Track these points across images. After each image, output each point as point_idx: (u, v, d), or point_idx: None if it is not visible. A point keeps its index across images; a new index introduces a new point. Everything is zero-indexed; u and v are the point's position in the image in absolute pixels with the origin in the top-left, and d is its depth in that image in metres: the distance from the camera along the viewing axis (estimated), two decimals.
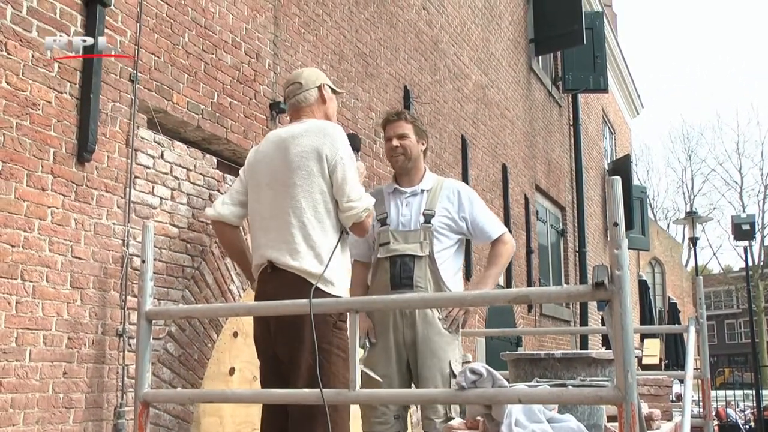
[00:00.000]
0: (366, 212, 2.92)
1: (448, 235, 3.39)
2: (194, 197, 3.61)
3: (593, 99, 14.12)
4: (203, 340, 3.55)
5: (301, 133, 2.99)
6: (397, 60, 6.08)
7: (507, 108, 8.92)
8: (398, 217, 3.43)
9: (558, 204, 11.14)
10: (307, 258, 2.83)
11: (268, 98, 4.28)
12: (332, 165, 2.91)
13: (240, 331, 3.78)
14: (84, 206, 3.03)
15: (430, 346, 3.26)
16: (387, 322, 3.35)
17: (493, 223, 3.49)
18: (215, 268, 3.66)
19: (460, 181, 3.61)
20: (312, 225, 2.87)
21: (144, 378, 2.64)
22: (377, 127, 5.63)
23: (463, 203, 3.44)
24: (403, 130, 3.50)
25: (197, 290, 3.54)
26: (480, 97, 8.01)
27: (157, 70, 3.46)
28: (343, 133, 3.00)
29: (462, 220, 3.42)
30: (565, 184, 11.51)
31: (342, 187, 2.90)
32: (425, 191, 3.46)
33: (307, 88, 3.16)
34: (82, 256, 3.00)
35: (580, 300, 2.50)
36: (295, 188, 2.91)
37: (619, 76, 16.42)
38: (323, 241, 2.87)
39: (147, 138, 3.37)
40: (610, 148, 16.40)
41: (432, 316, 3.31)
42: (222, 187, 3.80)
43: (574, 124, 11.91)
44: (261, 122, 4.20)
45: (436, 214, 3.39)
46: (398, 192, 3.51)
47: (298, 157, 2.93)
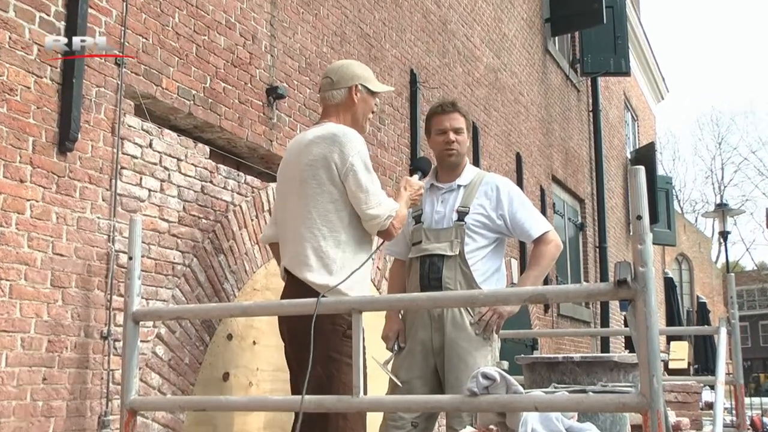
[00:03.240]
0: (389, 219, 3.02)
1: (483, 233, 3.39)
2: (185, 189, 3.61)
3: (614, 83, 14.07)
4: (195, 343, 3.55)
5: (313, 140, 3.08)
6: (402, 42, 6.06)
7: (521, 93, 8.90)
8: (432, 215, 3.46)
9: (576, 196, 11.11)
10: (317, 270, 2.95)
11: (265, 83, 4.27)
12: (343, 173, 3.00)
13: (235, 334, 3.78)
14: (66, 199, 3.02)
15: (458, 350, 3.27)
16: (415, 325, 3.38)
17: (535, 221, 3.46)
18: (208, 265, 3.66)
19: (503, 177, 3.61)
20: (324, 237, 2.98)
21: (131, 384, 2.63)
22: (382, 114, 5.61)
23: (501, 199, 3.43)
24: (459, 123, 3.50)
25: (188, 289, 3.55)
26: (492, 81, 7.98)
27: (146, 52, 3.45)
28: (356, 138, 3.04)
29: (500, 218, 3.42)
30: (584, 175, 11.48)
31: (357, 196, 2.99)
32: (462, 187, 3.48)
33: (337, 87, 3.22)
34: (63, 252, 2.99)
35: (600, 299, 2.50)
36: (306, 199, 3.04)
37: (642, 58, 16.36)
38: (335, 252, 2.97)
39: (134, 126, 3.37)
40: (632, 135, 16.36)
41: (462, 319, 3.31)
42: (215, 178, 3.80)
43: (593, 110, 11.88)
44: (257, 109, 4.19)
45: (470, 211, 3.40)
46: (435, 188, 3.53)
47: (308, 167, 3.05)
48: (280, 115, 4.40)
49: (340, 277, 2.91)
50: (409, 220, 3.51)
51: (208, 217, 3.72)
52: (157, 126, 3.51)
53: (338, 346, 2.83)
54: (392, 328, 3.45)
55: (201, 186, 3.71)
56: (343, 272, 2.93)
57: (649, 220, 2.04)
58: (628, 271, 2.03)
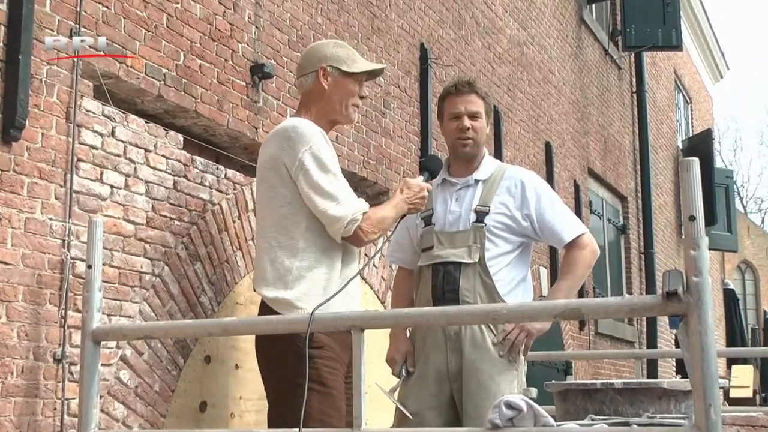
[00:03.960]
0: (354, 223, 3.08)
1: (505, 237, 3.39)
2: (154, 185, 3.60)
3: (663, 59, 14.05)
4: (166, 367, 3.54)
5: (268, 138, 3.25)
6: (411, 11, 6.06)
7: (551, 71, 8.88)
8: (445, 215, 3.45)
9: (617, 193, 11.10)
10: (273, 283, 3.10)
11: (249, 59, 4.28)
12: (294, 173, 3.11)
13: (214, 356, 3.78)
14: (11, 197, 3.02)
15: (478, 376, 3.26)
16: (427, 346, 3.38)
17: (567, 223, 3.46)
18: (181, 274, 3.66)
19: (528, 170, 3.61)
20: (280, 246, 3.12)
21: (90, 416, 2.63)
22: (387, 97, 5.60)
23: (527, 197, 3.42)
24: (476, 106, 3.48)
25: (159, 303, 3.54)
26: (517, 57, 7.97)
27: (107, 23, 3.45)
28: (309, 132, 3.12)
29: (525, 219, 3.41)
30: (627, 168, 11.46)
31: (311, 198, 3.10)
32: (480, 182, 3.47)
33: (303, 72, 3.33)
34: (8, 260, 2.99)
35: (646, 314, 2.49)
36: (262, 206, 3.23)
37: (698, 30, 16.32)
38: (291, 262, 3.10)
39: (93, 111, 3.36)
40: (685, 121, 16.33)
41: (483, 338, 3.30)
42: (190, 172, 3.79)
43: (637, 91, 11.85)
44: (239, 90, 4.19)
45: (491, 210, 3.40)
46: (448, 184, 3.52)
47: (261, 169, 3.22)
48: (267, 97, 4.39)
49: (297, 290, 3.04)
50: (417, 221, 3.51)
51: (182, 218, 3.72)
52: (121, 111, 3.50)
53: (297, 368, 2.87)
54: (399, 350, 3.45)
55: (173, 181, 3.70)
56: (300, 284, 3.06)
57: (705, 222, 2.05)
58: (679, 281, 2.03)
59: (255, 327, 3.04)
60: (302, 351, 2.86)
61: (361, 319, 2.56)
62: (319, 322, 2.60)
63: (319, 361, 2.98)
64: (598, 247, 3.50)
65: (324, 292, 3.06)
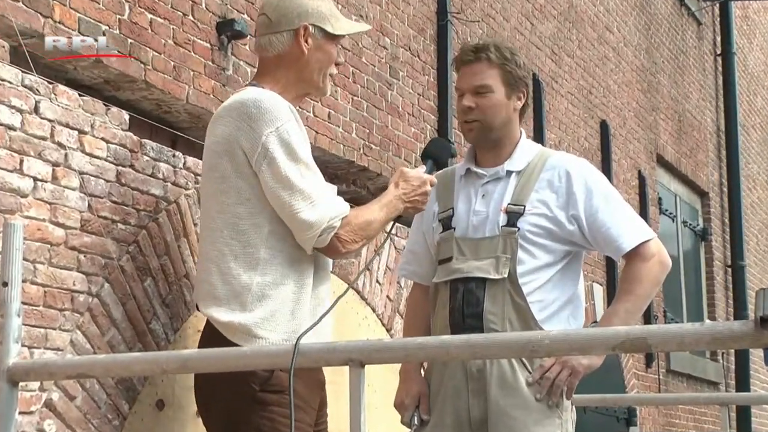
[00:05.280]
0: (330, 231, 3.10)
1: (545, 245, 3.40)
2: (92, 178, 3.59)
3: (758, 11, 14.04)
4: (106, 414, 3.54)
5: (220, 113, 3.26)
6: None
7: (608, 28, 8.88)
8: (468, 217, 3.47)
9: (696, 187, 11.10)
10: (225, 302, 3.12)
11: (214, 14, 4.30)
12: (255, 162, 3.11)
13: (168, 400, 3.79)
14: None
15: (509, 424, 3.28)
16: (445, 386, 3.39)
17: (627, 226, 3.45)
18: (127, 294, 3.66)
19: (578, 158, 3.62)
20: (234, 254, 3.13)
21: None
22: (393, 63, 5.59)
23: (574, 193, 3.43)
24: (483, 78, 3.48)
25: (96, 331, 3.53)
26: (563, 9, 7.97)
27: None
28: (275, 108, 3.13)
29: (571, 221, 3.42)
30: (709, 155, 11.46)
31: (277, 195, 3.09)
32: (514, 173, 3.49)
33: (276, 29, 3.30)
34: None
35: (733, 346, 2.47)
36: (209, 199, 3.25)
37: None
38: (249, 277, 3.11)
39: (10, 80, 3.36)
40: None
41: (514, 377, 3.31)
42: (138, 160, 3.80)
43: (723, 54, 11.83)
44: (202, 53, 4.21)
45: (526, 210, 3.41)
46: (473, 176, 3.53)
47: (209, 153, 3.24)
48: (238, 63, 4.40)
49: (258, 313, 3.06)
50: (435, 224, 3.52)
51: (127, 221, 3.71)
52: (47, 81, 3.49)
53: (246, 415, 2.91)
54: (410, 392, 3.45)
55: (116, 172, 3.69)
56: (262, 305, 3.07)
57: None
58: None
59: (223, 361, 3.01)
60: (257, 395, 2.92)
61: (362, 350, 2.54)
62: (307, 356, 2.58)
63: (276, 410, 2.98)
64: (668, 258, 3.49)
65: (292, 317, 3.10)
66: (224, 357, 2.96)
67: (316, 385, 3.16)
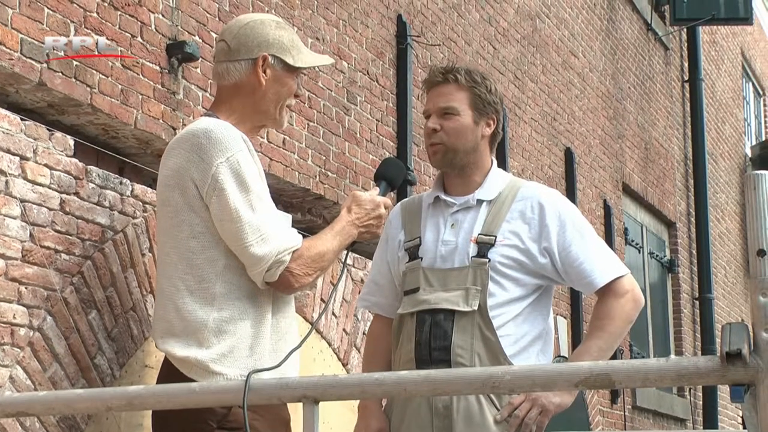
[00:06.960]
0: (280, 265, 3.11)
1: (517, 278, 3.41)
2: (34, 206, 3.57)
3: (726, 37, 14.22)
4: None
5: (172, 145, 3.29)
6: None
7: (573, 53, 8.94)
8: (437, 247, 3.46)
9: (663, 217, 11.18)
10: (183, 338, 3.13)
11: (165, 36, 4.30)
12: (206, 194, 3.14)
13: None
14: None
15: None
16: (406, 423, 3.39)
17: (601, 261, 3.47)
18: (70, 327, 3.64)
19: (550, 189, 3.65)
20: (189, 290, 3.15)
21: None
22: (351, 88, 5.58)
23: (547, 225, 3.43)
24: (449, 100, 3.48)
25: (38, 367, 3.51)
26: (526, 34, 8.01)
27: None
28: (227, 138, 3.14)
29: (544, 254, 3.42)
30: (676, 183, 11.55)
31: (227, 228, 3.11)
32: (485, 202, 3.49)
33: (234, 58, 3.32)
34: None
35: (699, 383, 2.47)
36: (164, 234, 3.29)
37: None
38: (206, 313, 3.13)
39: None
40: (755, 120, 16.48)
41: (482, 415, 3.30)
42: (84, 188, 3.78)
43: (690, 80, 11.95)
44: (151, 76, 4.21)
45: (497, 241, 3.41)
46: (442, 203, 3.53)
47: (163, 187, 3.26)
48: (189, 87, 4.40)
49: (215, 349, 3.08)
50: (400, 254, 3.51)
51: (71, 251, 3.69)
52: None
53: None
54: (370, 428, 3.45)
55: (60, 200, 3.67)
56: (219, 341, 3.10)
57: None
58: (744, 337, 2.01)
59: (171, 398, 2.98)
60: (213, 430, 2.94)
61: (316, 386, 2.51)
62: (258, 392, 2.56)
63: None
64: (642, 295, 3.51)
65: (251, 352, 3.12)
66: (172, 394, 2.93)
67: (280, 422, 3.15)
